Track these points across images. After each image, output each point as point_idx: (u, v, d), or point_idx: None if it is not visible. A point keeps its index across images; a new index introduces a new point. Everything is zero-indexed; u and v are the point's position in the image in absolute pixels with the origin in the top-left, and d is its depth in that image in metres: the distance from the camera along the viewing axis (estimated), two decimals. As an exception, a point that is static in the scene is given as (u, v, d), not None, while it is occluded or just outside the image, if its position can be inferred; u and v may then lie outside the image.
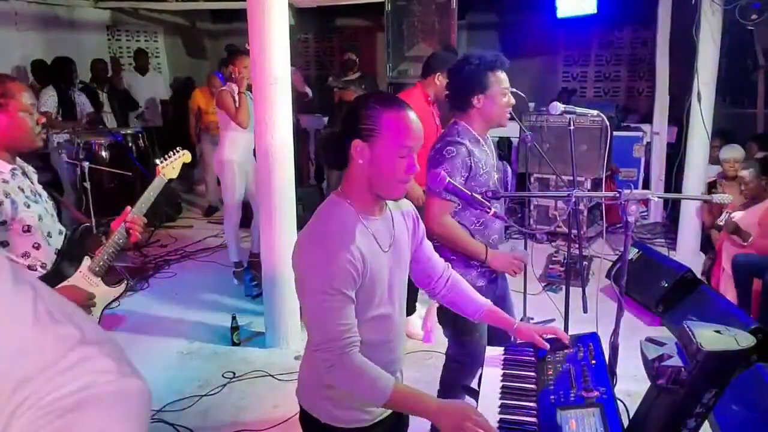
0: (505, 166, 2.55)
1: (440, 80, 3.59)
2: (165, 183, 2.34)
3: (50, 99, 5.57)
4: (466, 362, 2.51)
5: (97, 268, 2.15)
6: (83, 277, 2.12)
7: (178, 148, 2.47)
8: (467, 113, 2.45)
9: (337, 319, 1.51)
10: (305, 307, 1.57)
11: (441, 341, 3.99)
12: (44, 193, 2.15)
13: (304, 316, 1.59)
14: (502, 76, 2.42)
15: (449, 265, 1.97)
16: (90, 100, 6.70)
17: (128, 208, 2.20)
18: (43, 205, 2.09)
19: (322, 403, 1.67)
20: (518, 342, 1.96)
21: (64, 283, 2.07)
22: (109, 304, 2.26)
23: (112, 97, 6.99)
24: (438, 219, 2.36)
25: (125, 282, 2.30)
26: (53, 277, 2.05)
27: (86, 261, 2.15)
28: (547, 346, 1.85)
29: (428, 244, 1.90)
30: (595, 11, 5.28)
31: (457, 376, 2.57)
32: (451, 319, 2.37)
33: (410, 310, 3.92)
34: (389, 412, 1.71)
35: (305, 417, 1.72)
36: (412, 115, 1.56)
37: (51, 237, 2.09)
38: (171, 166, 2.41)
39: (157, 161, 2.40)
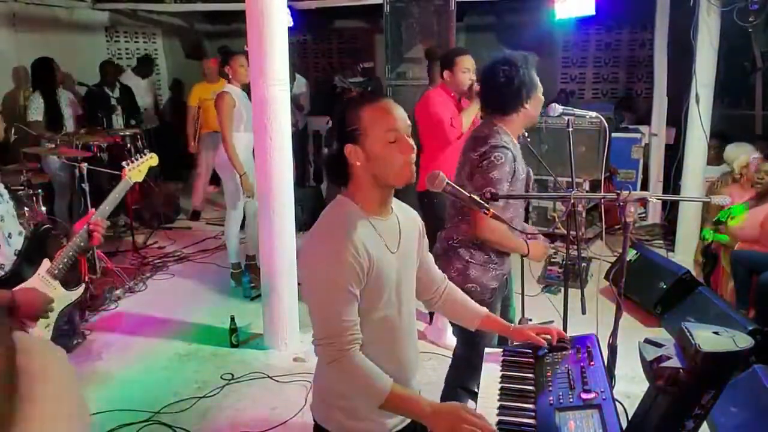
0: (528, 170, 2.56)
1: (449, 77, 3.71)
2: (130, 186, 2.38)
3: (38, 108, 5.52)
4: (474, 363, 2.51)
5: (56, 271, 2.13)
6: (41, 279, 2.09)
7: (146, 151, 2.54)
8: (511, 116, 2.44)
9: (342, 315, 1.51)
10: (310, 303, 1.57)
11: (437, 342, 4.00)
12: (5, 193, 2.13)
13: (310, 315, 1.59)
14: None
15: (446, 276, 1.97)
16: (100, 102, 6.70)
17: (92, 210, 2.21)
18: (4, 206, 2.07)
19: (335, 414, 1.66)
20: (517, 343, 1.96)
21: (22, 286, 2.05)
22: (65, 308, 2.22)
23: (123, 98, 6.99)
24: (489, 225, 2.36)
25: (84, 285, 2.27)
26: (12, 279, 2.03)
27: (45, 263, 2.13)
28: (545, 343, 1.84)
29: (430, 256, 1.91)
30: (593, 13, 5.29)
31: (464, 377, 2.56)
32: None
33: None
34: (403, 424, 1.69)
35: (318, 431, 1.71)
36: (389, 101, 1.59)
37: (11, 238, 2.07)
38: (137, 169, 2.44)
39: (124, 164, 2.44)
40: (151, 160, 2.52)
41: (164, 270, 5.33)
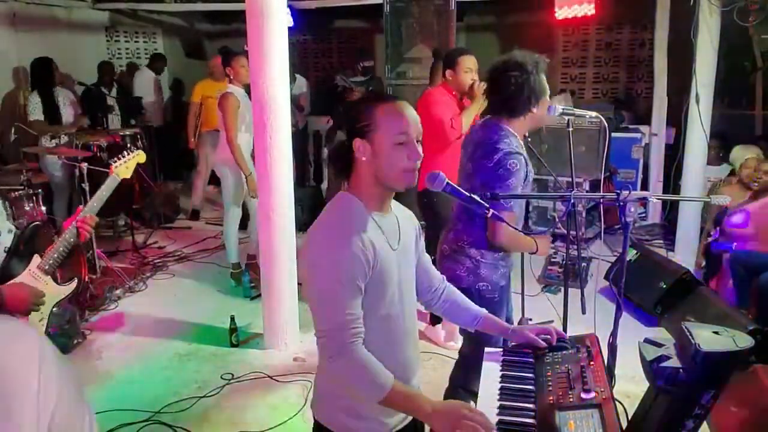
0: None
1: (451, 76, 3.75)
2: (118, 182, 2.43)
3: (36, 107, 5.52)
4: (480, 362, 2.51)
5: (46, 267, 2.17)
6: (32, 275, 2.14)
7: (132, 148, 2.59)
8: (517, 118, 2.44)
9: (346, 308, 1.50)
10: (314, 296, 1.56)
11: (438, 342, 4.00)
12: None
13: (311, 308, 1.58)
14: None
15: (444, 277, 1.97)
16: (97, 102, 6.72)
17: (80, 207, 2.27)
18: None
19: (337, 414, 1.65)
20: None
21: (13, 281, 2.08)
22: (59, 302, 2.26)
23: (120, 98, 7.02)
24: (505, 231, 2.36)
25: (76, 280, 2.31)
26: (2, 275, 2.05)
27: (36, 259, 2.16)
28: (544, 344, 1.84)
29: (427, 257, 1.91)
30: (593, 12, 5.29)
31: (469, 376, 2.56)
32: None
33: (438, 317, 3.95)
34: (404, 423, 1.69)
35: (319, 430, 1.70)
36: (404, 104, 1.60)
37: (0, 235, 2.10)
38: (124, 165, 2.50)
39: (111, 161, 2.50)
40: (138, 156, 2.58)
41: (164, 270, 5.33)
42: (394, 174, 1.56)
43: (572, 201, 2.03)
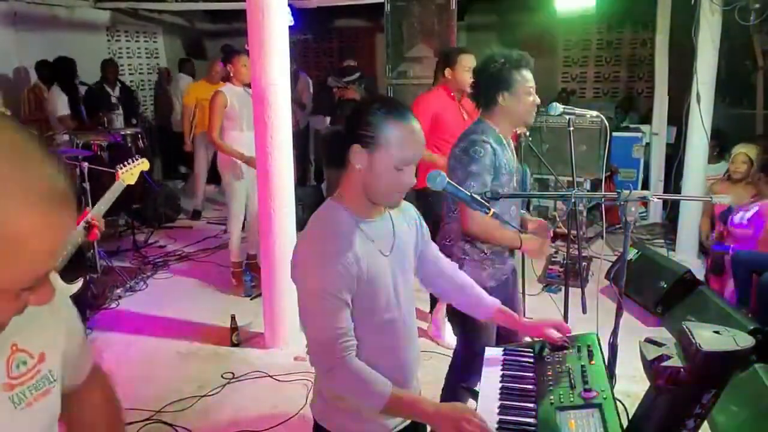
0: (523, 168, 2.55)
1: (450, 74, 3.77)
2: (123, 187, 2.60)
3: (63, 102, 5.54)
4: (474, 362, 2.50)
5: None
6: None
7: (136, 156, 2.74)
8: (492, 111, 2.46)
9: (333, 323, 1.49)
10: (301, 313, 1.55)
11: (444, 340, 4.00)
12: None
13: (301, 323, 1.57)
14: (528, 74, 2.42)
15: (456, 265, 1.95)
16: (99, 101, 6.75)
17: (87, 209, 2.37)
18: None
19: (335, 414, 1.64)
20: (518, 342, 1.96)
21: None
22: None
23: (123, 97, 7.04)
24: (476, 219, 2.34)
25: (82, 279, 2.37)
26: None
27: None
28: (558, 339, 1.83)
29: (434, 245, 1.88)
30: (594, 4, 5.30)
31: (463, 376, 2.56)
32: (461, 318, 2.34)
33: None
34: (404, 425, 1.68)
35: (318, 430, 1.69)
36: (416, 126, 1.52)
37: None
38: (130, 172, 2.64)
39: (118, 167, 2.64)
40: (142, 165, 2.71)
41: (165, 269, 5.33)
42: (381, 194, 1.54)
43: (573, 200, 2.03)
